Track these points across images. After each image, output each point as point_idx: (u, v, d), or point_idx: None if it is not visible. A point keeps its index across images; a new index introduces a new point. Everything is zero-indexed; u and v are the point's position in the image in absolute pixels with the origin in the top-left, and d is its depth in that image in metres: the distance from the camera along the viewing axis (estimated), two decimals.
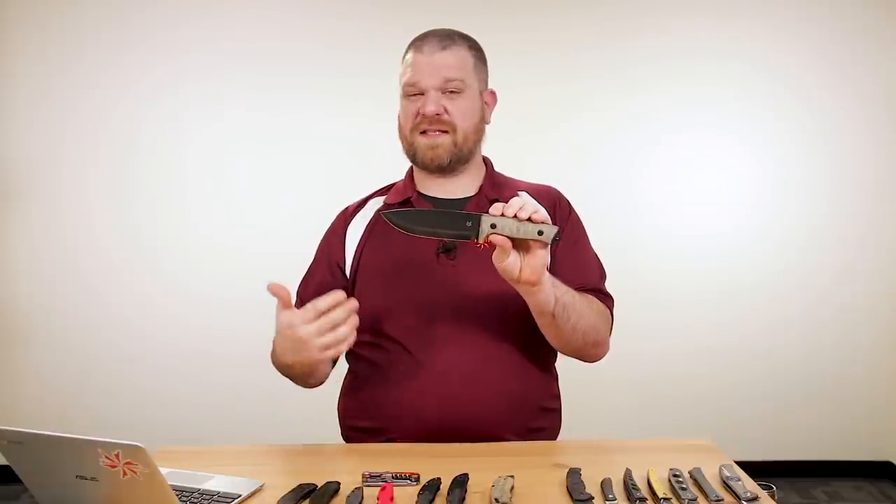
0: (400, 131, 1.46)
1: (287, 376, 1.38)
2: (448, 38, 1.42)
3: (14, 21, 3.09)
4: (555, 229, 1.17)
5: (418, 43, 1.42)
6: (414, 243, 1.31)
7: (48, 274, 3.15)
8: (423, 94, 1.39)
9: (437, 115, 1.38)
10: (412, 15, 2.10)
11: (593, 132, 3.21)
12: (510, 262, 1.18)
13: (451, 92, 1.39)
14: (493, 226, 1.17)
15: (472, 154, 1.46)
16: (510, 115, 1.74)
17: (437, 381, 1.32)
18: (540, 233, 1.16)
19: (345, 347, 1.22)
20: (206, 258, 3.16)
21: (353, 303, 1.21)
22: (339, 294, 1.20)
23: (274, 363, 1.36)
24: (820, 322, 3.25)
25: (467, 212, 1.26)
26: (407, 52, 1.44)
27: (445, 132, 1.40)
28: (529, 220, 1.16)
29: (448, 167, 1.43)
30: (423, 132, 1.40)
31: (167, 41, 3.13)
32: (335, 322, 1.19)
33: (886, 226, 3.23)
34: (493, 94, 1.49)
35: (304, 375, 1.36)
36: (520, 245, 1.18)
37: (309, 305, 1.20)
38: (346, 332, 1.20)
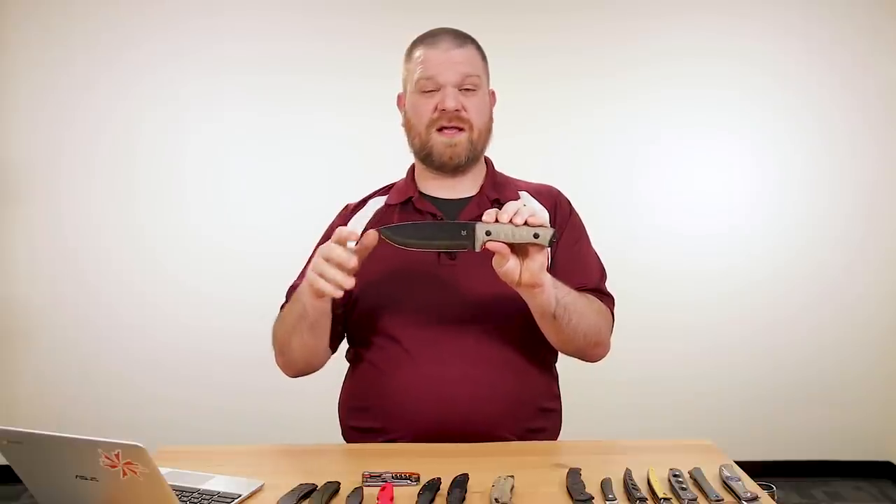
0: (411, 129, 1.43)
1: (287, 355, 1.38)
2: (461, 37, 1.42)
3: (14, 21, 3.09)
4: (551, 231, 1.16)
5: (430, 39, 1.40)
6: None
7: (48, 274, 3.15)
8: (438, 90, 1.38)
9: (457, 110, 1.37)
10: (412, 15, 2.10)
11: (593, 132, 3.21)
12: (509, 267, 1.18)
13: (467, 89, 1.38)
14: (488, 233, 1.16)
15: (483, 153, 1.46)
16: (510, 115, 1.74)
17: (437, 382, 1.32)
18: (536, 236, 1.15)
19: (331, 290, 1.20)
20: (206, 258, 3.16)
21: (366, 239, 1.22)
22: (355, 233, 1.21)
23: (279, 337, 1.37)
24: (820, 322, 3.25)
25: (462, 221, 1.26)
26: (415, 48, 1.42)
27: (461, 129, 1.39)
28: (525, 223, 1.16)
29: (464, 166, 1.42)
30: (441, 129, 1.39)
31: (167, 41, 3.13)
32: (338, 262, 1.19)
33: (886, 226, 3.23)
34: (493, 93, 1.49)
35: (305, 348, 1.35)
36: (518, 249, 1.18)
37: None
38: (338, 278, 1.19)
